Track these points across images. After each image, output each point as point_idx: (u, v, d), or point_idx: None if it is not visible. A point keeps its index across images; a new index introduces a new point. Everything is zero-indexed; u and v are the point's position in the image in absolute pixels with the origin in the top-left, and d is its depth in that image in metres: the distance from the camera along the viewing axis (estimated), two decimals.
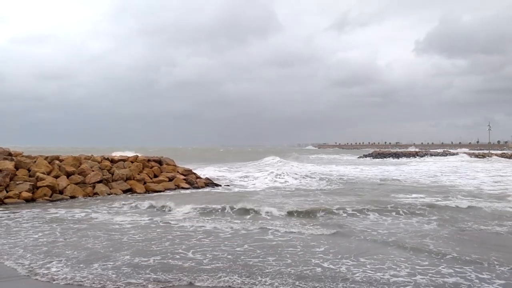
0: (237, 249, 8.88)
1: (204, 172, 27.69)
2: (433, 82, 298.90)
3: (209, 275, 7.14)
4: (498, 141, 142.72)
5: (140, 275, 7.15)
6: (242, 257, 8.26)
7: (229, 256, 8.30)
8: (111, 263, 7.86)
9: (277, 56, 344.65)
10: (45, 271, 7.38)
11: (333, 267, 7.64)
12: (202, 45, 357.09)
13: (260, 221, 11.94)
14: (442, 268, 7.56)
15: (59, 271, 7.40)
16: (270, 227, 11.05)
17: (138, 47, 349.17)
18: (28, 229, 11.07)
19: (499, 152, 78.00)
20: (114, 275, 7.15)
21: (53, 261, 7.97)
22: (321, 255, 8.41)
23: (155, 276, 7.09)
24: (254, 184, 23.27)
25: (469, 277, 7.05)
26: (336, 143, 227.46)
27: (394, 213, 13.19)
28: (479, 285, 6.72)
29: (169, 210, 13.88)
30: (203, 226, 11.28)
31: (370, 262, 7.91)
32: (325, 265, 7.74)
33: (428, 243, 9.37)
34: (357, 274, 7.19)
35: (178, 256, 8.31)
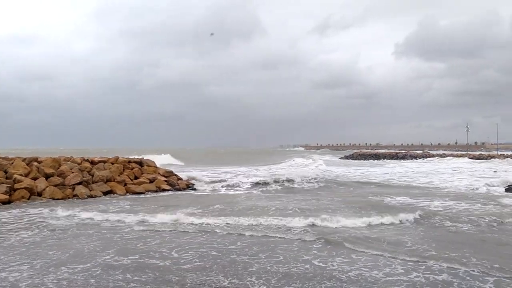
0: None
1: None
2: (413, 84, 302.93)
3: None
4: (476, 142, 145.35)
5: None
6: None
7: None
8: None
9: (261, 58, 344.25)
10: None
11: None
12: (187, 47, 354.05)
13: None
14: (429, 264, 7.76)
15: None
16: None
17: (123, 48, 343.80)
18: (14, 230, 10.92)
19: (477, 153, 79.60)
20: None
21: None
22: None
23: None
24: (241, 186, 22.60)
25: (459, 275, 7.21)
26: (318, 144, 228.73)
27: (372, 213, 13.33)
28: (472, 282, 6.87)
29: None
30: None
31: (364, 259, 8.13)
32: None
33: (407, 241, 9.65)
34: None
35: None
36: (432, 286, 6.62)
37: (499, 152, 73.99)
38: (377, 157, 74.70)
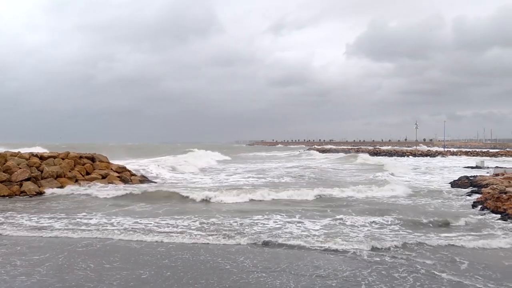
0: None
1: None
2: (364, 83, 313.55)
3: None
4: (424, 139, 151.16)
5: None
6: None
7: None
8: None
9: (218, 55, 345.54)
10: None
11: None
12: (143, 43, 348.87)
13: None
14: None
15: None
16: None
17: (78, 42, 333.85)
18: None
19: (426, 149, 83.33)
20: None
21: None
22: None
23: None
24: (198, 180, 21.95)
25: None
26: (273, 140, 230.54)
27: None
28: None
29: None
30: None
31: None
32: None
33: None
34: None
35: None
36: None
37: (446, 149, 77.43)
38: (330, 152, 76.26)
